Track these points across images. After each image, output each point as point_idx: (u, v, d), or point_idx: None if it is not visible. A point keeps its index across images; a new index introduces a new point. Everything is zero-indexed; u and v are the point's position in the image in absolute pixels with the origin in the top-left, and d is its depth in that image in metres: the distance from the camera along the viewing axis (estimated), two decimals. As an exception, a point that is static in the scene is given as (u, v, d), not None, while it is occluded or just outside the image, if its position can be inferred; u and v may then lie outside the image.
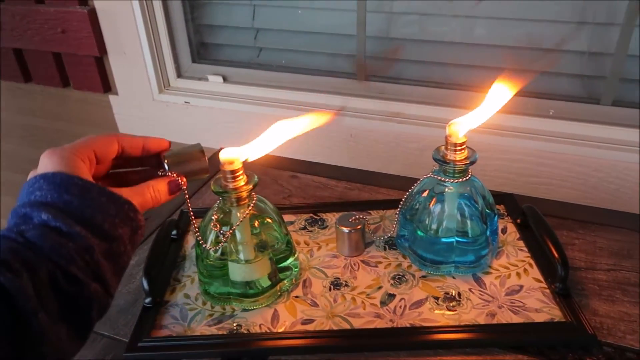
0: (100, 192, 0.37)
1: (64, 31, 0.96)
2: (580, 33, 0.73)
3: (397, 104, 0.84)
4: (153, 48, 0.94)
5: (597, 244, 0.60)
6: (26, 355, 0.32)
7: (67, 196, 0.36)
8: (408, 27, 0.82)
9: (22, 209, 0.36)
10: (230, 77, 0.96)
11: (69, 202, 0.36)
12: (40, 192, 0.36)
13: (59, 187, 0.36)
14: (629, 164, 0.71)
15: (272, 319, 0.52)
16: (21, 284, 0.32)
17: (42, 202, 0.36)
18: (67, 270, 0.34)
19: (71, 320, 0.35)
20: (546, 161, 0.75)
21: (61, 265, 0.34)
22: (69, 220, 0.35)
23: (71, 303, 0.35)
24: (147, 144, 0.45)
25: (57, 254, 0.34)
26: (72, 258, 0.34)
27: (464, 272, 0.56)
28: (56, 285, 0.34)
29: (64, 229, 0.35)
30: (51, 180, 0.36)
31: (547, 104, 0.77)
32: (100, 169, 0.43)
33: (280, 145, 0.49)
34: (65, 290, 0.34)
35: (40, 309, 0.32)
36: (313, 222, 0.66)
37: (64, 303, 0.34)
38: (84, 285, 0.35)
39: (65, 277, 0.34)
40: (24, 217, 0.36)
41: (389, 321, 0.51)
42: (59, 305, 0.34)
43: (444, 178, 0.53)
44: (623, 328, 0.49)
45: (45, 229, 0.35)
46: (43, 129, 1.17)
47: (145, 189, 0.42)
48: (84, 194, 0.37)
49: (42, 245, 0.34)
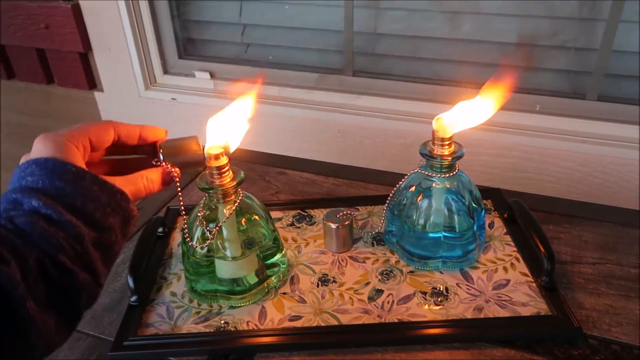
0: (93, 180, 0.37)
1: (48, 27, 0.94)
2: (565, 29, 0.73)
3: (384, 100, 0.84)
4: (139, 44, 0.93)
5: (582, 238, 0.61)
6: (13, 344, 0.32)
7: (59, 183, 0.35)
8: (396, 23, 0.82)
9: (13, 194, 0.35)
10: (218, 73, 0.96)
11: (61, 189, 0.35)
12: (32, 177, 0.36)
13: (52, 173, 0.36)
14: (613, 158, 0.71)
15: (259, 316, 0.52)
16: (9, 272, 0.31)
17: (34, 187, 0.35)
18: (56, 258, 0.34)
19: (59, 309, 0.34)
20: (532, 156, 0.76)
21: (50, 253, 0.34)
22: (60, 208, 0.35)
23: (60, 292, 0.34)
24: (143, 133, 0.44)
25: (47, 243, 0.34)
26: (61, 247, 0.34)
27: (452, 267, 0.56)
28: (45, 274, 0.33)
29: (55, 217, 0.34)
30: (43, 166, 0.36)
31: (534, 99, 0.77)
32: (94, 156, 0.42)
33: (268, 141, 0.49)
34: (54, 279, 0.34)
35: (28, 297, 0.32)
36: (301, 219, 0.66)
37: (52, 291, 0.34)
38: (73, 274, 0.34)
39: (54, 266, 0.34)
40: (14, 202, 0.35)
41: (376, 317, 0.51)
42: (47, 293, 0.33)
43: (431, 173, 0.53)
44: (608, 321, 0.50)
45: (36, 216, 0.34)
46: (27, 126, 1.16)
47: (138, 178, 0.41)
48: (77, 182, 0.36)
49: (32, 232, 0.34)
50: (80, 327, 0.52)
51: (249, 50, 0.95)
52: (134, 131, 0.44)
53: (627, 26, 0.69)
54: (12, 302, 0.31)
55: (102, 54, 0.96)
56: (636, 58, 0.71)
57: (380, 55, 0.86)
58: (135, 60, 0.94)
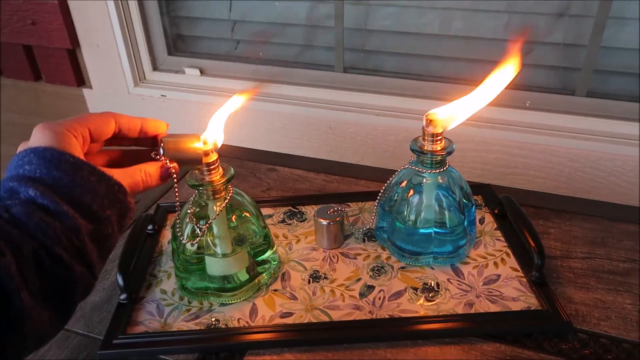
0: (91, 172, 0.36)
1: (34, 23, 0.93)
2: (555, 25, 0.74)
3: (375, 96, 0.84)
4: (127, 40, 0.92)
5: (572, 233, 0.61)
6: (6, 335, 0.31)
7: (57, 173, 0.35)
8: (386, 19, 0.82)
9: (9, 183, 0.35)
10: (208, 70, 0.95)
11: (59, 179, 0.35)
12: (30, 166, 0.35)
13: (49, 162, 0.35)
14: (603, 153, 0.72)
15: (250, 313, 0.52)
16: (4, 262, 0.31)
17: (31, 177, 0.35)
18: (52, 250, 0.33)
19: (54, 301, 0.34)
20: (522, 152, 0.76)
21: (46, 244, 0.33)
22: (57, 198, 0.34)
23: (55, 283, 0.34)
24: (144, 126, 0.43)
25: (43, 233, 0.33)
26: (57, 238, 0.34)
27: (443, 262, 0.56)
28: (40, 265, 0.33)
29: (51, 208, 0.34)
30: (41, 155, 0.35)
31: (524, 95, 0.78)
32: (93, 147, 0.41)
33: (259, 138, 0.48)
34: (49, 270, 0.33)
35: (22, 288, 0.31)
36: (292, 215, 0.65)
37: (47, 283, 0.33)
38: (68, 266, 0.34)
39: (49, 257, 0.33)
40: (10, 191, 0.34)
41: (368, 313, 0.51)
42: (42, 285, 0.33)
43: (422, 169, 0.53)
44: (597, 315, 0.50)
45: (32, 206, 0.34)
46: (15, 124, 1.14)
47: (136, 171, 0.41)
48: (75, 172, 0.35)
49: (28, 223, 0.33)
50: (70, 326, 0.52)
51: (239, 47, 0.94)
52: (135, 124, 0.43)
53: (615, 22, 0.70)
54: (6, 293, 0.31)
55: (91, 50, 0.94)
56: (625, 54, 0.71)
57: (371, 51, 0.86)
58: (124, 57, 0.93)
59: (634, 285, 0.53)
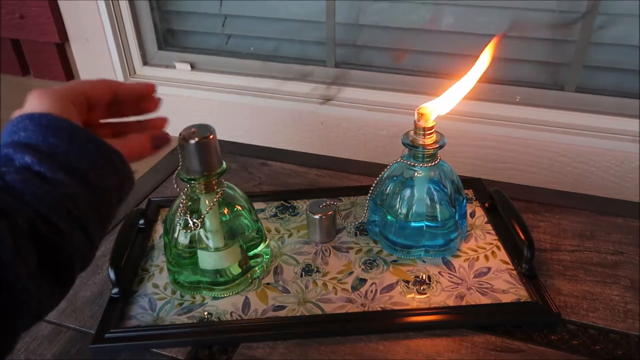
0: (88, 139, 0.35)
1: (23, 16, 0.92)
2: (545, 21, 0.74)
3: (367, 91, 0.84)
4: (117, 34, 0.92)
5: (561, 226, 0.62)
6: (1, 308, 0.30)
7: (54, 140, 0.34)
8: (377, 14, 0.82)
9: (4, 149, 0.33)
10: (198, 65, 0.95)
11: (55, 146, 0.34)
12: (25, 132, 0.34)
13: (46, 129, 0.34)
14: (591, 148, 0.73)
15: (243, 306, 0.52)
16: None
17: (26, 143, 0.33)
18: (48, 218, 0.32)
19: (51, 271, 0.33)
20: (512, 147, 0.77)
21: (42, 212, 0.32)
22: (54, 165, 0.33)
23: (52, 253, 0.32)
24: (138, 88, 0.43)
25: (38, 201, 0.32)
26: (54, 206, 0.32)
27: (434, 255, 0.56)
28: (36, 234, 0.32)
29: (48, 175, 0.33)
30: (38, 122, 0.34)
31: (514, 90, 0.78)
32: (92, 117, 0.41)
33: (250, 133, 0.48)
34: (46, 240, 0.32)
35: (18, 258, 0.30)
36: (284, 210, 0.66)
37: (44, 253, 0.32)
38: (65, 235, 0.33)
39: (46, 226, 0.32)
40: (5, 158, 0.33)
41: (360, 305, 0.51)
42: (38, 255, 0.32)
43: (414, 163, 0.54)
44: (586, 306, 0.51)
45: (27, 173, 0.32)
46: (3, 119, 1.13)
47: (133, 140, 0.40)
48: (72, 139, 0.34)
49: (23, 190, 0.32)
50: (61, 320, 0.51)
51: (230, 42, 0.94)
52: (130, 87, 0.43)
53: (605, 19, 0.71)
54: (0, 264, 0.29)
55: (80, 44, 0.94)
56: (614, 50, 0.72)
57: (362, 46, 0.86)
58: (113, 52, 0.92)
59: (622, 277, 0.54)
